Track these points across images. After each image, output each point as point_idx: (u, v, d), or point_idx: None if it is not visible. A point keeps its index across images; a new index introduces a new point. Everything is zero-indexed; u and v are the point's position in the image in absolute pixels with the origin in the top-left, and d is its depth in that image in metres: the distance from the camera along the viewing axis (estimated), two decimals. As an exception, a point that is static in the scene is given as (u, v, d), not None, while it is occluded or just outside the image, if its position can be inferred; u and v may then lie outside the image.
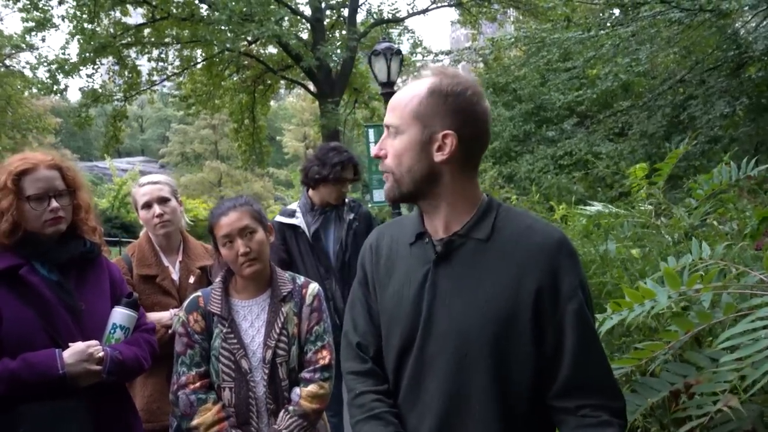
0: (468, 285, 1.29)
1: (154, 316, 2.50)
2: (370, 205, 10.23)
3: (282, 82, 20.30)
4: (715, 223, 2.84)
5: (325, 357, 2.14)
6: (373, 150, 1.39)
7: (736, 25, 8.57)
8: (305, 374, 2.12)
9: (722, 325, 1.54)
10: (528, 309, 1.24)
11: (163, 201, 2.65)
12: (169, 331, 2.43)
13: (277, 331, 2.11)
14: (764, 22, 8.68)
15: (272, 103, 26.18)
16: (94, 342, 1.91)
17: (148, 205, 2.64)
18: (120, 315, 2.06)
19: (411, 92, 1.33)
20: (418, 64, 18.52)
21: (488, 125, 1.35)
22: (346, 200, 3.27)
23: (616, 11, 8.22)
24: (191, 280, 2.64)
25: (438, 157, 1.29)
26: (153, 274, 2.61)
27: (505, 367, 1.26)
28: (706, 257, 1.59)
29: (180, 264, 2.68)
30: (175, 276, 2.66)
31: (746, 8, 6.73)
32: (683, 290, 1.41)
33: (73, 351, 1.86)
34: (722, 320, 1.44)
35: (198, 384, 2.07)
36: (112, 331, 2.04)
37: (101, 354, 1.90)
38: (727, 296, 1.45)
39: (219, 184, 43.46)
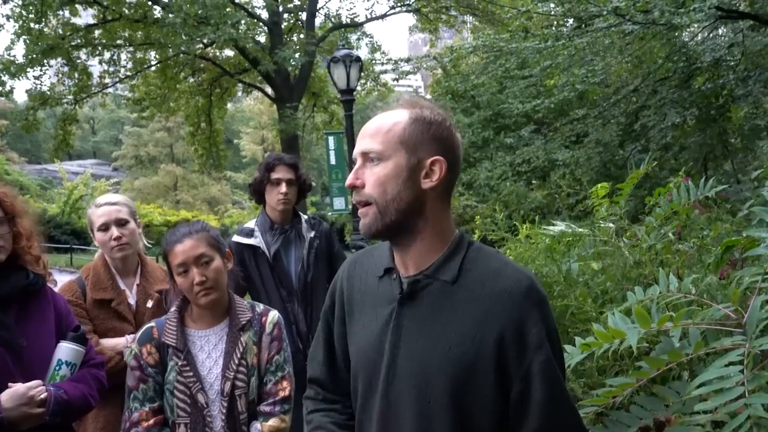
0: (432, 328, 1.25)
1: (108, 343, 2.38)
2: (330, 213, 10.14)
3: (239, 85, 20.00)
4: (671, 235, 2.88)
5: (285, 389, 2.07)
6: (348, 179, 1.31)
7: (684, 36, 8.84)
8: (265, 407, 2.03)
9: (689, 358, 1.53)
10: (492, 357, 1.20)
11: (120, 223, 2.52)
12: (124, 359, 2.31)
13: (236, 361, 2.02)
14: (711, 35, 8.99)
15: (230, 105, 25.74)
16: (35, 383, 1.78)
17: (105, 227, 2.50)
18: (66, 350, 1.93)
19: (392, 119, 1.29)
20: (377, 69, 18.55)
21: (462, 155, 1.35)
22: (305, 217, 3.18)
23: (570, 21, 8.37)
24: (149, 304, 2.52)
25: (426, 183, 1.25)
26: (108, 298, 2.48)
27: (468, 414, 1.22)
28: (674, 290, 1.58)
29: (137, 288, 2.56)
30: (132, 300, 2.53)
31: (697, 22, 6.94)
32: (653, 327, 1.39)
33: (12, 394, 1.73)
34: (692, 355, 1.43)
35: (151, 421, 1.96)
36: (58, 367, 1.91)
37: (43, 396, 1.78)
38: (695, 331, 1.44)
39: (175, 188, 42.62)
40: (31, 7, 14.77)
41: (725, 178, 8.08)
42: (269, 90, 18.33)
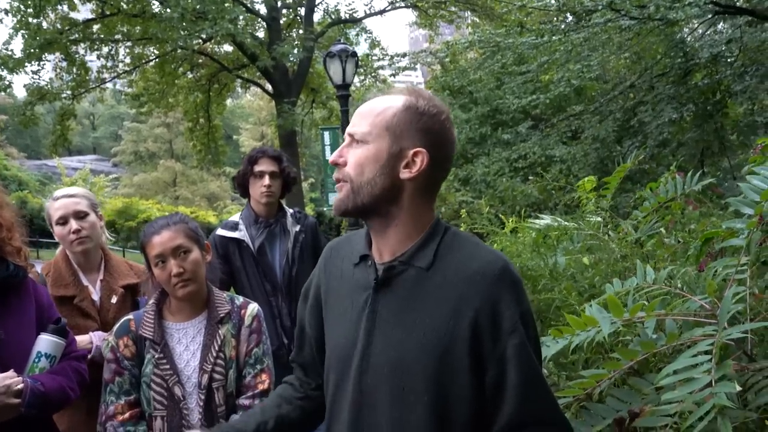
0: (407, 315, 1.24)
1: None
2: (326, 208, 10.12)
3: (238, 81, 19.95)
4: (663, 230, 2.87)
5: (264, 381, 2.05)
6: (331, 156, 1.30)
7: (684, 31, 8.81)
8: (244, 401, 2.02)
9: (666, 350, 1.51)
10: (466, 341, 1.18)
11: (80, 216, 2.43)
12: (88, 356, 2.26)
13: (214, 354, 2.01)
14: (709, 31, 8.96)
15: (229, 101, 25.70)
16: (10, 374, 1.76)
17: (63, 221, 2.41)
18: (45, 342, 1.92)
19: (385, 103, 1.27)
20: (376, 65, 18.50)
21: (454, 153, 1.32)
22: (290, 211, 3.16)
23: (569, 16, 8.33)
24: (113, 300, 2.45)
25: (404, 174, 1.24)
26: (70, 294, 2.39)
27: (445, 400, 1.20)
28: (651, 281, 1.57)
29: (101, 283, 2.48)
30: (96, 296, 2.45)
31: (693, 17, 6.91)
32: (626, 318, 1.38)
33: None
34: (666, 346, 1.42)
35: (127, 414, 1.95)
36: (37, 359, 1.90)
37: (20, 386, 1.76)
38: (671, 322, 1.43)
39: (174, 183, 42.61)
40: (29, 2, 14.75)
41: (723, 174, 8.06)
42: (268, 86, 18.29)
